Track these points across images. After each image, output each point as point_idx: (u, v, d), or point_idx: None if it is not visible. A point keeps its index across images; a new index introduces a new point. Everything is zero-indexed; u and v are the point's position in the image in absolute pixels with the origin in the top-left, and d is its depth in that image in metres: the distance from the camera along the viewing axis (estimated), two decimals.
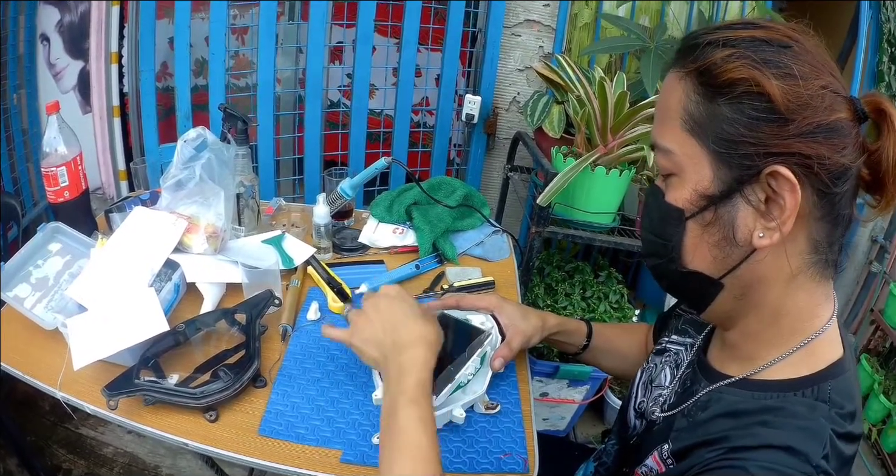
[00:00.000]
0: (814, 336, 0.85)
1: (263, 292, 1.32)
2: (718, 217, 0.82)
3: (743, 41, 0.78)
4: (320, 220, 1.59)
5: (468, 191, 1.88)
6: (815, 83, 0.75)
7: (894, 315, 2.44)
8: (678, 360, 1.10)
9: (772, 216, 0.78)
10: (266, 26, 2.35)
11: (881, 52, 2.57)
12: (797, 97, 0.74)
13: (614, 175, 1.90)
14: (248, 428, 1.13)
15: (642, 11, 2.63)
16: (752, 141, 0.76)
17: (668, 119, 0.85)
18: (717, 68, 0.78)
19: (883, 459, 2.41)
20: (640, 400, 1.15)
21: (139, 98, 2.42)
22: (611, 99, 1.88)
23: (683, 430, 0.92)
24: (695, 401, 0.94)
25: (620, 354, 1.46)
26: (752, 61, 0.76)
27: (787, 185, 0.75)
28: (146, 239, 1.43)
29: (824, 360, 0.85)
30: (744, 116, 0.77)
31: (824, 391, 0.82)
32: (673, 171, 0.85)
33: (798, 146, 0.75)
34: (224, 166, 1.52)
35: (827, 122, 0.75)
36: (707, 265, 0.86)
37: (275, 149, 2.56)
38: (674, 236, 0.87)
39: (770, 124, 0.75)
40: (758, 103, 0.76)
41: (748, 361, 0.90)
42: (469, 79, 2.75)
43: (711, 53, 0.79)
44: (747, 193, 0.79)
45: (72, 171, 1.49)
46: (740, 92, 0.76)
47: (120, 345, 1.16)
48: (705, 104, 0.80)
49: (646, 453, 0.98)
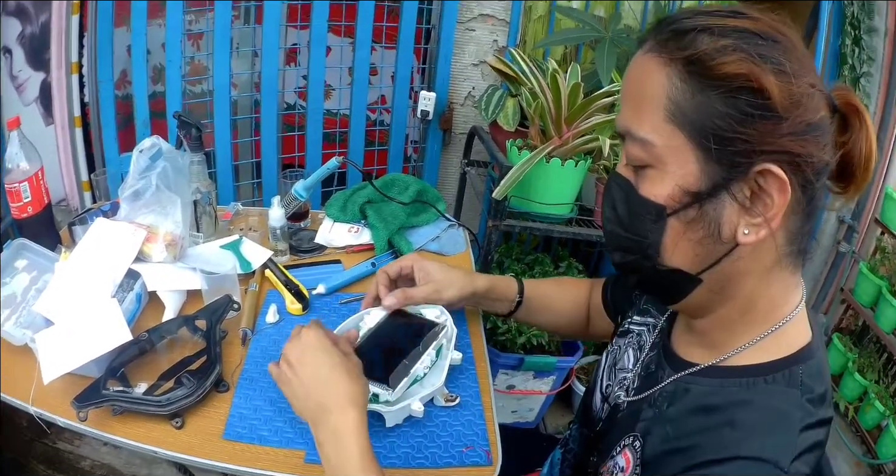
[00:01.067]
0: (783, 322, 0.85)
1: (222, 298, 1.34)
2: (703, 214, 0.78)
3: (734, 32, 0.75)
4: (276, 223, 1.61)
5: (422, 186, 1.90)
6: (805, 81, 0.74)
7: (864, 294, 2.47)
8: (641, 342, 1.09)
9: (756, 212, 0.76)
10: (221, 30, 2.35)
11: (844, 35, 2.60)
12: (791, 95, 0.73)
13: (570, 166, 1.93)
14: (214, 433, 1.15)
15: (597, 2, 2.65)
16: (745, 138, 0.74)
17: (647, 107, 0.80)
18: (712, 60, 0.74)
19: (862, 436, 2.44)
20: (605, 383, 1.15)
21: (99, 108, 2.43)
22: (564, 90, 1.91)
23: (650, 422, 0.91)
24: (660, 389, 0.93)
25: (556, 311, 1.45)
26: (750, 56, 0.73)
27: (777, 184, 0.74)
28: (107, 250, 1.44)
29: (794, 345, 0.85)
30: (738, 112, 0.74)
31: (795, 375, 0.82)
32: (649, 163, 0.81)
33: (790, 145, 0.74)
34: (179, 174, 1.54)
35: (814, 120, 0.75)
36: (687, 262, 0.83)
37: (232, 153, 2.57)
38: (651, 233, 0.83)
39: (765, 122, 0.73)
40: (754, 100, 0.73)
41: (715, 349, 0.89)
42: (424, 75, 2.76)
43: (704, 43, 0.75)
44: (734, 190, 0.76)
45: (34, 186, 1.50)
46: (736, 86, 0.73)
47: (86, 357, 1.17)
48: (695, 95, 0.76)
49: (613, 442, 0.97)
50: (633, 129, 0.82)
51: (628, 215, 0.85)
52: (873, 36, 2.58)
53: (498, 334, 2.23)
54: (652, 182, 0.81)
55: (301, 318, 1.47)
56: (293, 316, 1.48)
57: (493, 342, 2.25)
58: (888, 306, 2.29)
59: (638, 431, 0.91)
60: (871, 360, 2.48)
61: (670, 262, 0.84)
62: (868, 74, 2.59)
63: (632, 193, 0.84)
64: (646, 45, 0.82)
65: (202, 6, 2.48)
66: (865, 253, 2.64)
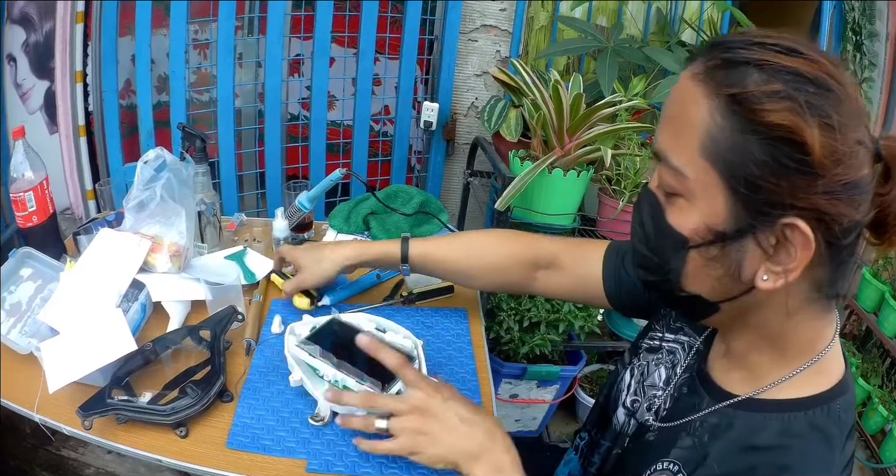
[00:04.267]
0: (819, 357, 0.84)
1: (226, 308, 1.35)
2: (725, 254, 0.78)
3: (787, 73, 0.71)
4: (279, 234, 1.63)
5: (425, 198, 1.91)
6: (851, 137, 0.70)
7: (867, 299, 2.47)
8: (674, 361, 1.08)
9: (779, 260, 0.75)
10: (224, 41, 2.37)
11: (845, 41, 2.60)
12: (832, 152, 0.69)
13: (572, 176, 1.94)
14: (217, 442, 1.16)
15: (599, 11, 2.66)
16: (777, 189, 0.71)
17: (684, 136, 0.77)
18: (758, 104, 0.70)
19: (866, 441, 2.45)
20: (632, 399, 1.13)
21: (103, 118, 2.44)
22: (566, 101, 1.92)
23: (689, 451, 0.89)
24: (700, 419, 0.92)
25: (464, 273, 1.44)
26: (798, 106, 0.69)
27: (802, 239, 0.72)
28: (112, 260, 1.45)
29: (831, 379, 0.85)
30: (774, 162, 0.70)
31: (834, 411, 0.82)
32: (680, 193, 0.80)
33: (822, 203, 0.70)
34: (184, 185, 1.55)
35: (853, 179, 0.71)
36: (706, 291, 0.83)
37: (236, 164, 2.58)
38: (672, 260, 0.83)
39: (800, 176, 0.70)
40: (793, 153, 0.70)
41: (753, 378, 0.88)
42: (427, 86, 2.78)
43: (753, 82, 0.71)
44: (759, 236, 0.75)
45: (39, 195, 1.50)
46: (777, 136, 0.70)
47: (91, 366, 1.18)
48: (734, 135, 0.73)
49: (645, 464, 0.95)
50: (669, 157, 0.80)
51: (654, 237, 0.85)
52: (874, 41, 2.58)
53: (501, 344, 2.23)
54: (680, 211, 0.81)
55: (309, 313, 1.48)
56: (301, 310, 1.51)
57: (496, 352, 2.26)
58: (891, 311, 2.30)
59: (674, 458, 0.90)
60: (874, 365, 2.49)
61: (690, 289, 0.84)
62: (870, 79, 2.60)
63: (659, 217, 0.83)
64: (694, 66, 0.78)
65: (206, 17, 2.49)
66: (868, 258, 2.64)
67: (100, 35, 2.33)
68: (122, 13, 2.33)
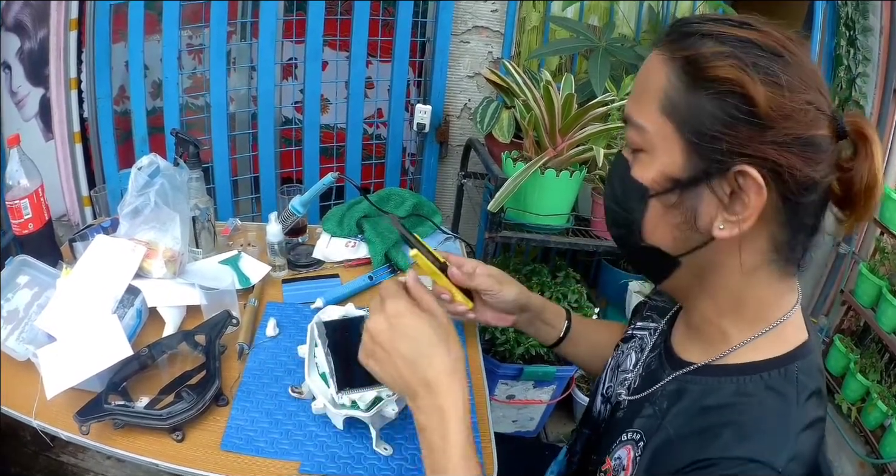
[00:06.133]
0: (778, 322, 0.87)
1: (221, 313, 1.36)
2: (682, 201, 0.84)
3: (736, 40, 0.79)
4: (273, 238, 1.63)
5: (418, 200, 1.92)
6: (801, 97, 0.77)
7: (864, 294, 2.46)
8: (643, 345, 1.12)
9: (734, 210, 0.80)
10: (217, 46, 2.38)
11: (838, 36, 2.59)
12: (780, 107, 0.76)
13: (565, 177, 1.94)
14: (213, 445, 1.17)
15: (591, 11, 2.67)
16: (727, 139, 0.78)
17: (646, 97, 0.86)
18: (705, 61, 0.79)
19: (866, 436, 2.44)
20: (607, 385, 1.17)
21: (98, 124, 2.45)
22: (557, 101, 1.92)
23: (650, 419, 0.93)
24: (661, 387, 0.96)
25: (598, 348, 1.42)
26: (742, 62, 0.77)
27: (754, 187, 0.77)
28: (108, 266, 1.46)
29: (790, 343, 0.87)
30: (724, 114, 0.78)
31: (791, 372, 0.84)
32: (643, 148, 0.87)
33: (771, 153, 0.77)
34: (178, 191, 1.56)
35: (805, 135, 0.77)
36: (666, 243, 0.88)
37: (231, 168, 2.59)
38: (635, 211, 0.89)
39: (749, 127, 0.77)
40: (740, 105, 0.77)
41: (711, 346, 0.92)
42: (420, 88, 2.79)
43: (704, 46, 0.80)
44: (714, 185, 0.81)
45: (34, 202, 1.52)
46: (725, 90, 0.77)
47: (88, 372, 1.19)
48: (687, 93, 0.81)
49: (613, 438, 0.98)
50: (632, 116, 0.88)
51: (621, 192, 0.92)
52: (868, 35, 2.57)
53: (497, 345, 2.24)
54: (642, 165, 0.87)
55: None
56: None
57: (492, 353, 2.26)
58: (889, 306, 2.29)
59: (637, 427, 0.94)
60: (872, 360, 2.48)
61: (650, 240, 0.90)
62: (864, 75, 2.59)
63: (626, 173, 0.90)
64: (659, 44, 0.87)
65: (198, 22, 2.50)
66: (865, 254, 2.64)
67: (93, 42, 2.34)
68: (116, 19, 2.34)
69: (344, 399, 1.16)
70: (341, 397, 1.16)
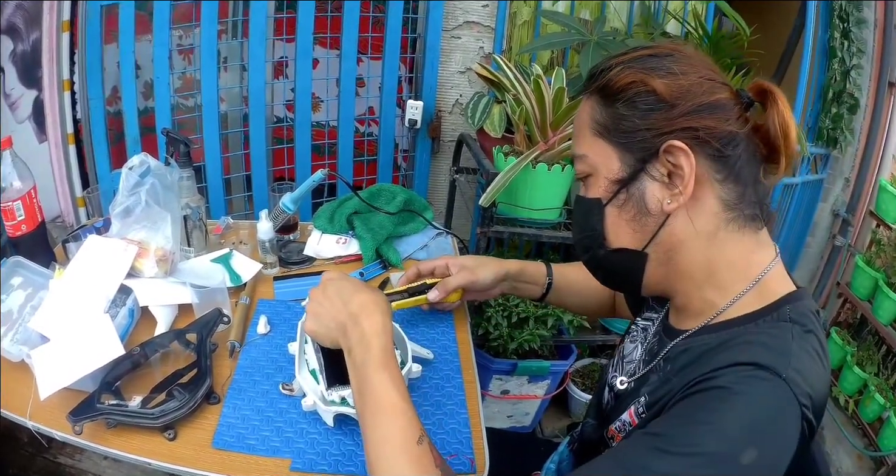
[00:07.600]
0: (759, 277, 0.93)
1: (212, 311, 1.36)
2: (630, 195, 0.94)
3: (633, 59, 0.94)
4: (264, 236, 1.63)
5: (409, 195, 1.92)
6: (694, 76, 0.91)
7: (861, 287, 2.49)
8: (646, 335, 1.16)
9: (675, 184, 0.90)
10: (207, 45, 2.38)
11: (832, 28, 2.59)
12: (678, 87, 0.90)
13: (557, 171, 1.94)
14: (204, 443, 1.17)
15: (583, 5, 2.67)
16: (646, 127, 0.91)
17: (580, 132, 1.00)
18: (613, 80, 0.94)
19: (863, 429, 2.45)
20: (613, 375, 1.19)
21: (90, 125, 2.45)
22: (548, 96, 1.92)
23: (657, 384, 0.98)
24: (662, 358, 1.02)
25: (586, 292, 1.54)
26: (640, 68, 0.92)
27: (682, 154, 0.88)
28: (100, 266, 1.46)
29: (777, 293, 0.93)
30: (637, 111, 0.92)
31: (783, 312, 0.90)
32: (589, 172, 0.99)
33: (684, 122, 0.89)
34: (168, 190, 1.56)
35: (708, 101, 0.90)
36: (629, 239, 0.97)
37: (223, 167, 2.59)
38: (597, 224, 0.98)
39: (659, 112, 0.90)
40: (647, 98, 0.91)
41: (702, 315, 0.97)
42: (412, 84, 2.79)
43: (608, 72, 0.95)
44: (651, 171, 0.92)
45: (27, 204, 1.51)
46: (632, 93, 0.92)
47: (81, 372, 1.20)
48: (606, 109, 0.95)
49: (620, 413, 1.04)
50: (575, 151, 1.02)
51: (582, 219, 1.02)
52: (863, 28, 2.57)
53: (490, 340, 2.24)
54: (592, 186, 0.99)
55: None
56: None
57: (485, 348, 2.26)
58: (885, 298, 2.30)
59: (644, 393, 1.00)
60: (869, 352, 2.48)
61: (615, 243, 0.98)
62: (858, 66, 2.58)
63: (581, 200, 1.02)
64: (583, 93, 1.01)
65: (189, 22, 2.50)
66: (861, 246, 2.65)
67: (85, 43, 2.34)
68: (108, 20, 2.34)
69: (333, 396, 1.17)
70: (331, 394, 1.16)
